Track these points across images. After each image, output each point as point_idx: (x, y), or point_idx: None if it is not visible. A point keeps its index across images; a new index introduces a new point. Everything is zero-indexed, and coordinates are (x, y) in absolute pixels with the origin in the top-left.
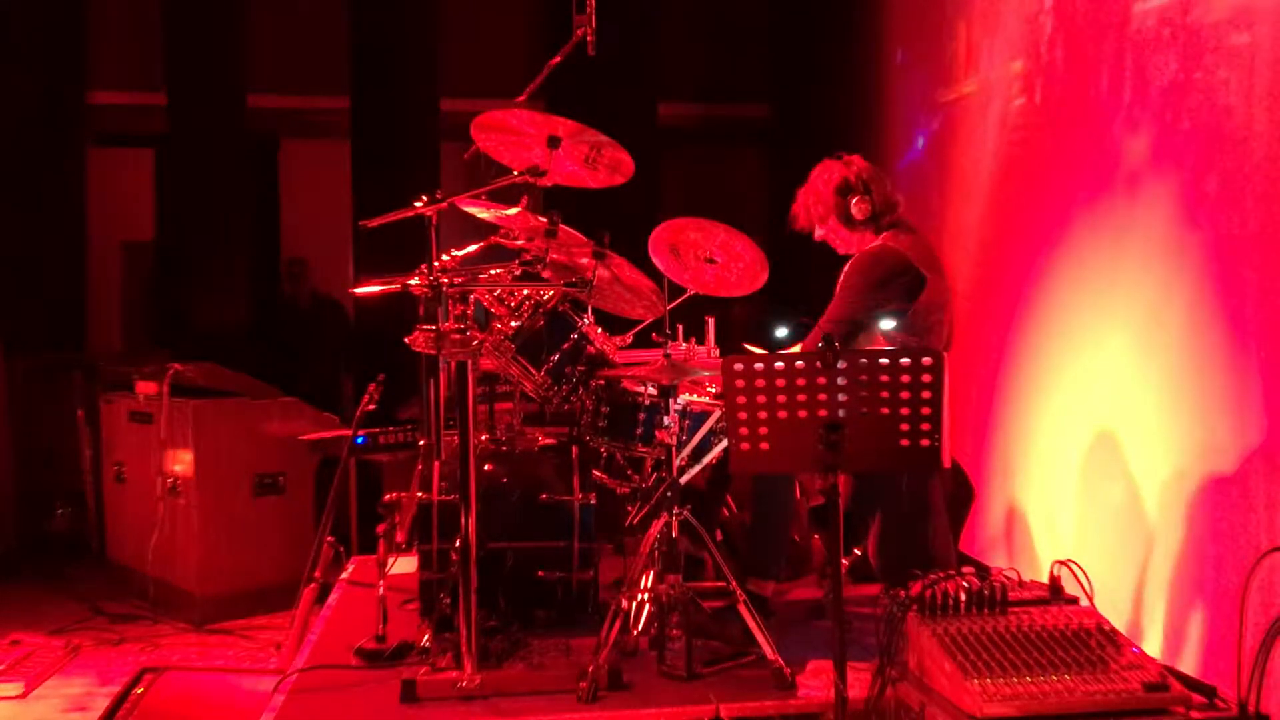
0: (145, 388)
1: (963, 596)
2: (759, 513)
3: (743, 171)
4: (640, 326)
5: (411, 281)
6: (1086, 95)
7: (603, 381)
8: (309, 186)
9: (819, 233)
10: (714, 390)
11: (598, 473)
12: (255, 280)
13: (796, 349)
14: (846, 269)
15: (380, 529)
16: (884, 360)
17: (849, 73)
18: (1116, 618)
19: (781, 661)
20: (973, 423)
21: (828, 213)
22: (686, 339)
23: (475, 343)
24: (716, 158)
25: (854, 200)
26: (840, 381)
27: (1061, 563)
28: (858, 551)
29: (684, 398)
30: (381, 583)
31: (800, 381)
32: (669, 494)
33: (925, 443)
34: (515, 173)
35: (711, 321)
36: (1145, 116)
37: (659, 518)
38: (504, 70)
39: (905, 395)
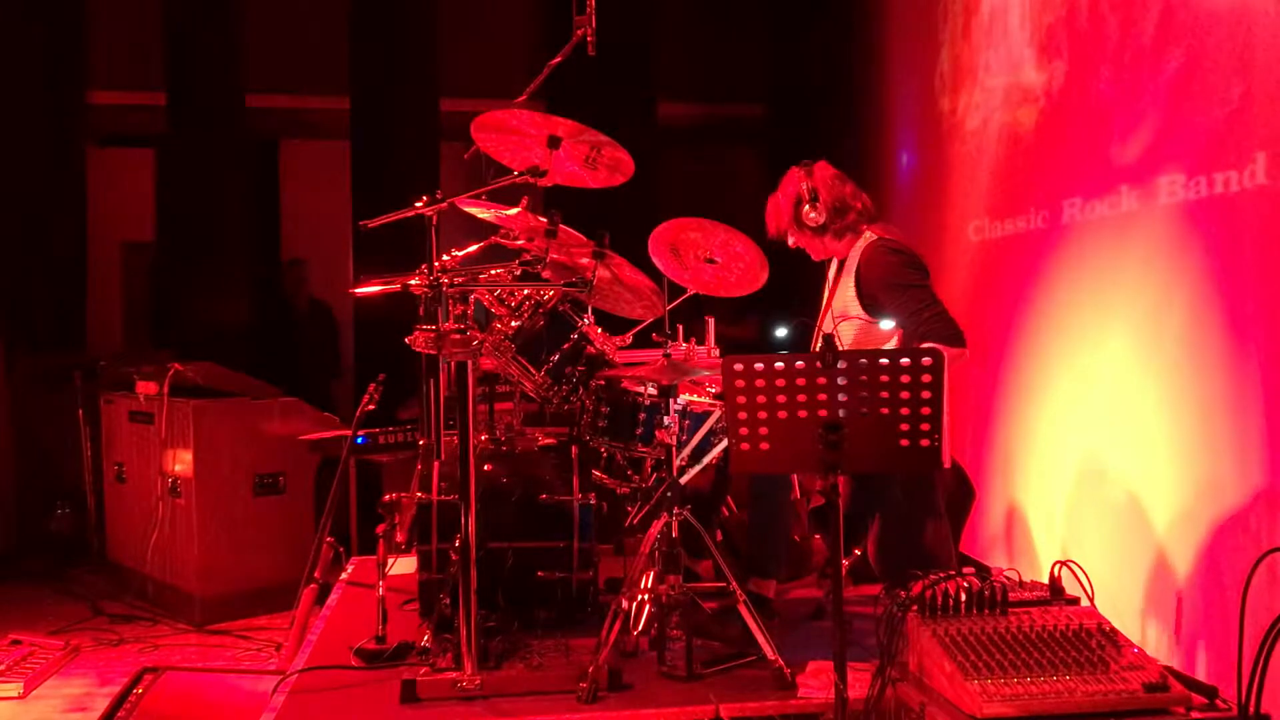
0: (145, 388)
1: (963, 597)
2: (757, 512)
3: (742, 171)
4: (640, 326)
5: (411, 281)
6: (1086, 94)
7: (603, 381)
8: (309, 186)
9: (791, 240)
10: (714, 390)
11: (598, 473)
12: (255, 280)
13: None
14: (871, 273)
15: (380, 529)
16: (884, 360)
17: (847, 73)
18: (1117, 618)
19: (781, 662)
20: (973, 423)
21: (789, 222)
22: (686, 339)
23: (475, 343)
24: (716, 157)
25: (805, 209)
26: (840, 382)
27: (1062, 563)
28: (858, 552)
29: (684, 398)
30: (381, 583)
31: (800, 381)
32: (669, 494)
33: (925, 443)
34: (515, 173)
35: (711, 321)
36: (1144, 116)
37: (659, 518)
38: (504, 70)
39: (905, 395)
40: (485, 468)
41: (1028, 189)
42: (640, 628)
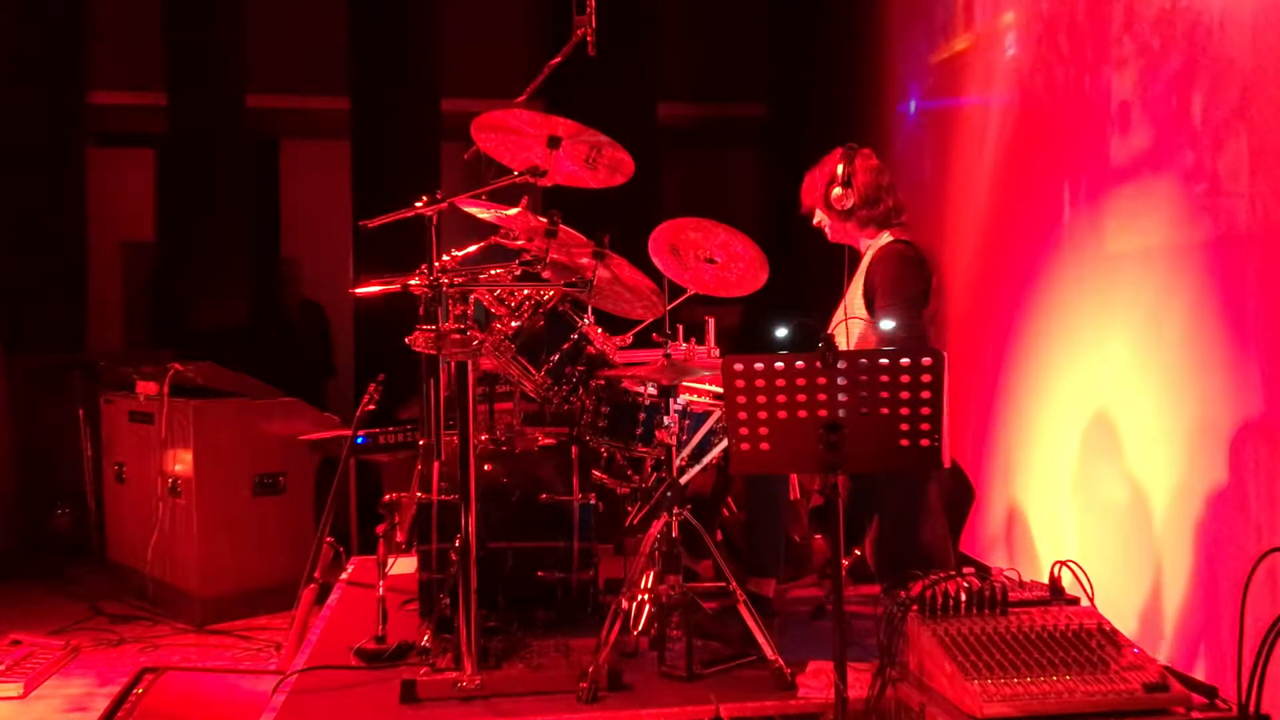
0: (145, 388)
1: (963, 597)
2: (752, 512)
3: (741, 171)
4: (640, 326)
5: (411, 281)
6: (1086, 91)
7: (603, 381)
8: (309, 186)
9: (816, 217)
10: (713, 388)
11: (598, 473)
12: (255, 280)
13: None
14: (877, 274)
15: (380, 529)
16: (884, 360)
17: (846, 73)
18: (1117, 618)
19: (781, 662)
20: (973, 423)
21: (818, 198)
22: (686, 339)
23: (475, 343)
24: (715, 157)
25: (834, 190)
26: (840, 381)
27: (1062, 563)
28: (858, 552)
29: (684, 398)
30: (381, 583)
31: (800, 381)
32: (669, 494)
33: (925, 443)
34: (515, 173)
35: (712, 321)
36: (1147, 111)
37: (659, 518)
38: (504, 70)
39: (905, 395)
40: (485, 468)
41: (1027, 188)
42: (640, 628)
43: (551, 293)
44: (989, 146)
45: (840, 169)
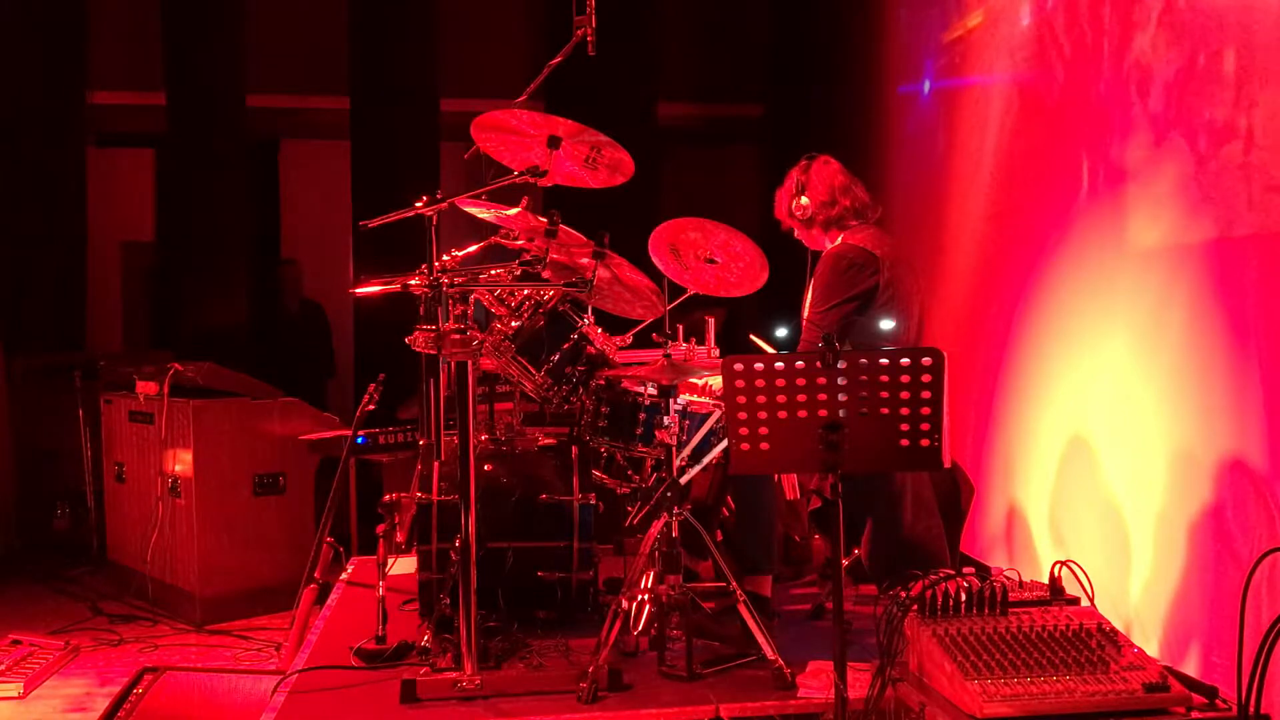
0: (145, 388)
1: (963, 597)
2: (742, 511)
3: (742, 171)
4: (640, 326)
5: (411, 281)
6: (1087, 90)
7: (603, 381)
8: (309, 186)
9: (794, 231)
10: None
11: (598, 473)
12: (255, 280)
13: None
14: (815, 277)
15: (380, 529)
16: (884, 360)
17: (845, 73)
18: (1117, 618)
19: (781, 661)
20: (973, 423)
21: (785, 213)
22: (686, 339)
23: (475, 343)
24: (715, 157)
25: (795, 200)
26: (840, 381)
27: (1062, 563)
28: (857, 552)
29: (684, 398)
30: (381, 583)
31: (800, 382)
32: (669, 494)
33: (925, 443)
34: (515, 173)
35: (711, 321)
36: (1146, 111)
37: (659, 518)
38: (504, 70)
39: (905, 395)
40: (485, 468)
41: (1028, 189)
42: (640, 628)
43: (551, 293)
44: (989, 143)
45: (797, 180)
